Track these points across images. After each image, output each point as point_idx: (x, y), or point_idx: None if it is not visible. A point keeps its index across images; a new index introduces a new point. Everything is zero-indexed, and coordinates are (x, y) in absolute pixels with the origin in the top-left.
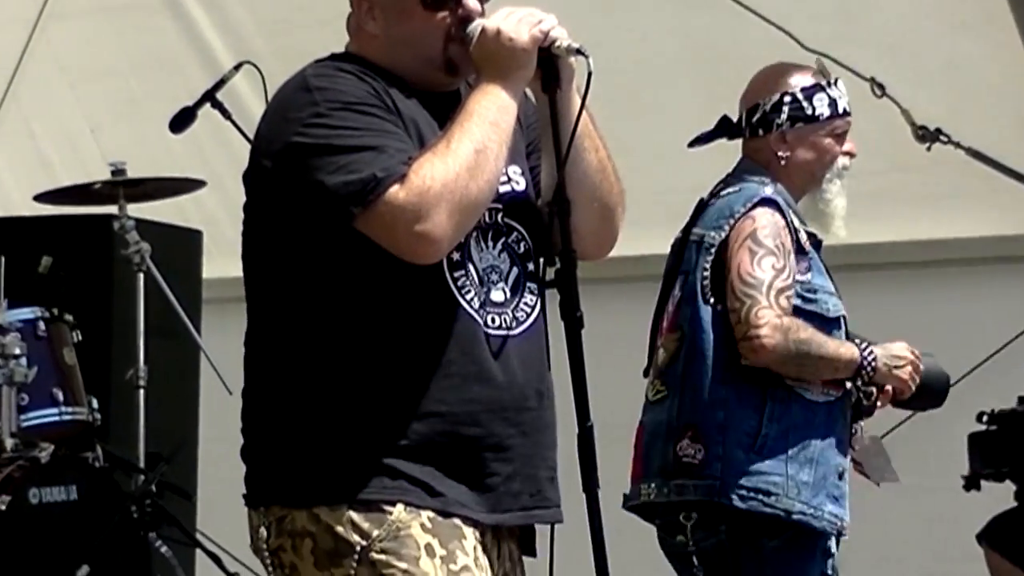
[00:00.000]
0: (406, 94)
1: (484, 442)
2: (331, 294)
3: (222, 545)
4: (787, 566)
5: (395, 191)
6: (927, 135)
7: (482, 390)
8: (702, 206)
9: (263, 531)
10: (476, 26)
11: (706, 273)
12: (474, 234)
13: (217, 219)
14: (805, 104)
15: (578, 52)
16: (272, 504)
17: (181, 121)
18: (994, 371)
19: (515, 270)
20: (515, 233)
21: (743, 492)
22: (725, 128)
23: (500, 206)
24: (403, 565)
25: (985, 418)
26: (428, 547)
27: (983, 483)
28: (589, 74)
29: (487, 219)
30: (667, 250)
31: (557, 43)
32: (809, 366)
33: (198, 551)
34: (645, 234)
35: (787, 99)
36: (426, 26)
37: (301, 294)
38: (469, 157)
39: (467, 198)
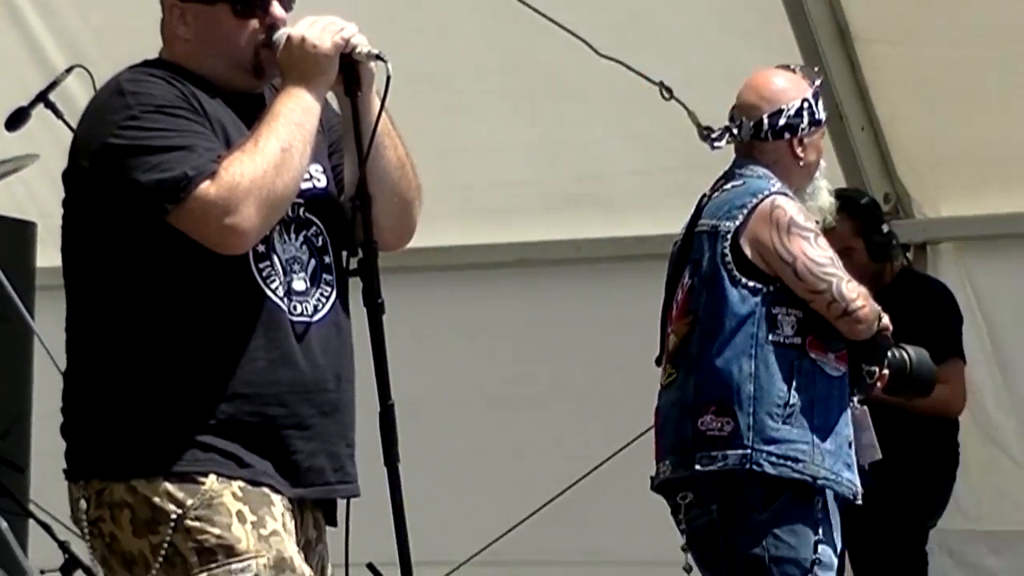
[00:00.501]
0: (213, 96)
1: (288, 421)
2: (145, 284)
3: (54, 515)
4: (778, 537)
5: (206, 187)
6: (711, 135)
7: (286, 373)
8: (703, 201)
9: (83, 503)
10: (282, 33)
11: (728, 258)
12: (278, 227)
13: (51, 212)
14: (816, 109)
15: (377, 58)
16: (92, 478)
17: (16, 120)
18: None
19: (313, 261)
20: (314, 227)
21: (774, 459)
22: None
23: (302, 201)
24: (216, 531)
25: None
26: (239, 514)
27: None
28: (388, 78)
29: (290, 213)
30: (466, 241)
31: (358, 49)
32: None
33: (31, 521)
34: (443, 227)
35: (806, 105)
36: (236, 32)
37: (118, 284)
38: (276, 155)
39: (273, 194)
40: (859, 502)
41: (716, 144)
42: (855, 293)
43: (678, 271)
